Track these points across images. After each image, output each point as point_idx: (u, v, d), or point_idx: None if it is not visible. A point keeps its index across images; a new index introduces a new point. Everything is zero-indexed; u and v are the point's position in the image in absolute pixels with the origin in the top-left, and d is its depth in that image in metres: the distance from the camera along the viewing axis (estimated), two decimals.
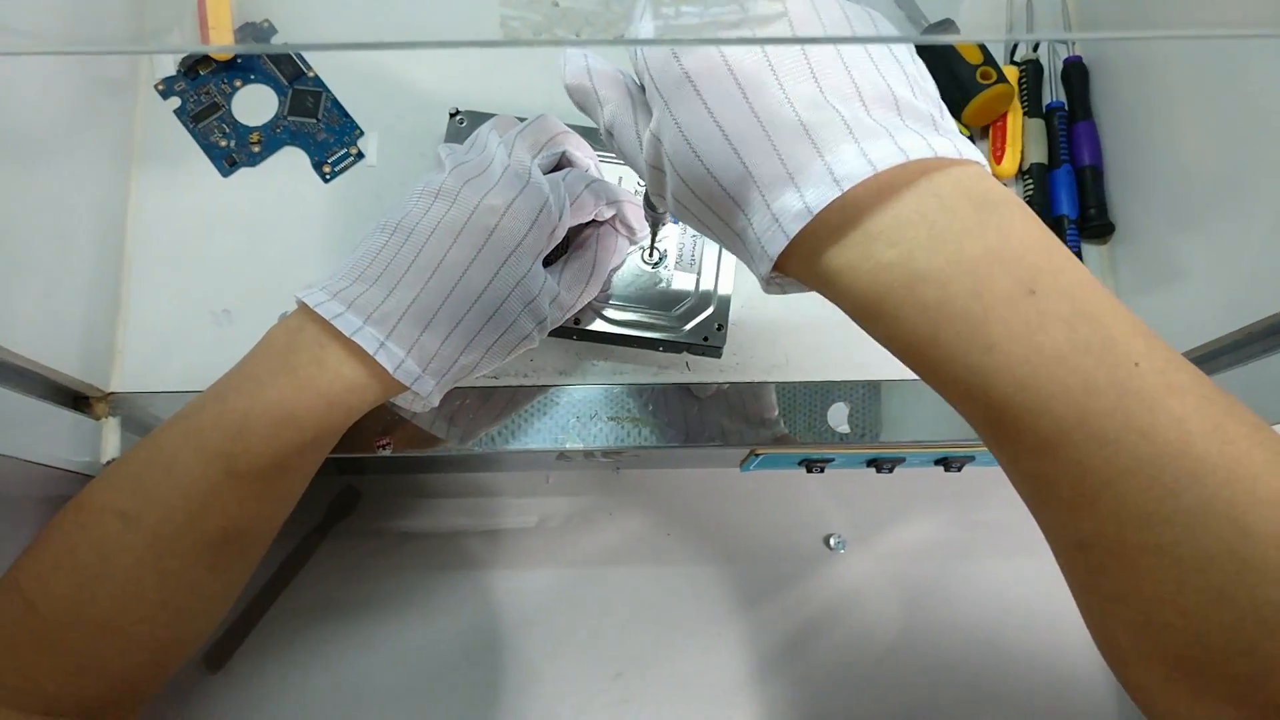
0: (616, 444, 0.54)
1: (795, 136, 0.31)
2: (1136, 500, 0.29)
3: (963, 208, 0.30)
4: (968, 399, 0.31)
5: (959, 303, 0.30)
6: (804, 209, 0.31)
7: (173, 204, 0.58)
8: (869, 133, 0.31)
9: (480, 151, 0.46)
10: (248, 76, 0.60)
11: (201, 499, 0.43)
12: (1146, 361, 0.29)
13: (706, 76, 0.32)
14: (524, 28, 0.22)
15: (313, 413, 0.43)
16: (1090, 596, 0.33)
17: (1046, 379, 0.29)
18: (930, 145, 0.30)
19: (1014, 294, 0.29)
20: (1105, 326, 0.29)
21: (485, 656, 0.61)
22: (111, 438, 0.53)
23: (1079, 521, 0.31)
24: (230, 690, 0.59)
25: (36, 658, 0.43)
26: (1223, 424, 0.29)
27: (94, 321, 0.54)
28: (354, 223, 0.58)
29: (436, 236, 0.43)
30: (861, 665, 0.62)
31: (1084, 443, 0.29)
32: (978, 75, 0.58)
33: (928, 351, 0.31)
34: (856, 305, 0.32)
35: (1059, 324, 0.29)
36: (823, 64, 0.32)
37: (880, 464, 0.60)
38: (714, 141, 0.32)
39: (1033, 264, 0.30)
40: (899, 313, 0.31)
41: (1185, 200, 0.53)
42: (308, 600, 0.61)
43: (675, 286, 0.54)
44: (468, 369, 0.46)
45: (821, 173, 0.30)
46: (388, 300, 0.43)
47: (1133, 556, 0.30)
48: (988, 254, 0.30)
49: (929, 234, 0.30)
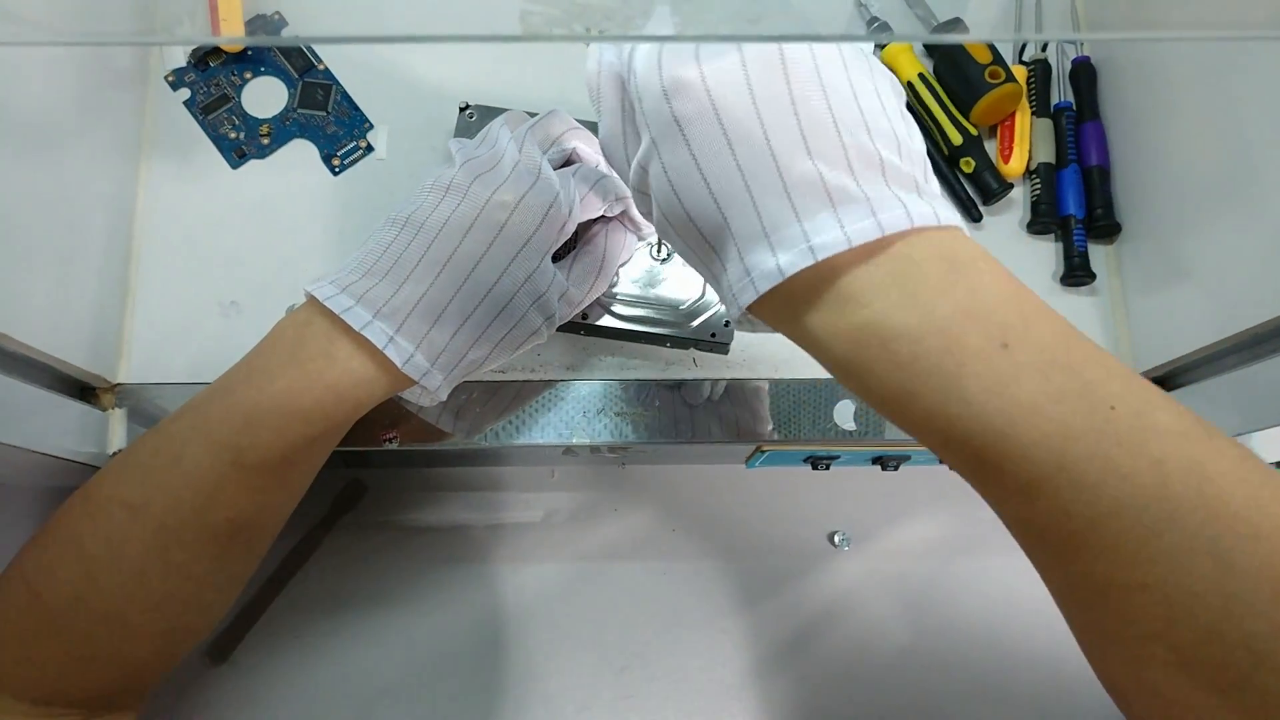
0: (622, 439, 0.54)
1: (776, 196, 0.32)
2: (1120, 541, 0.29)
3: (934, 268, 0.31)
4: (948, 447, 0.32)
5: (932, 359, 0.30)
6: (776, 270, 0.31)
7: (182, 195, 0.58)
8: (849, 201, 0.31)
9: (491, 147, 0.47)
10: (258, 69, 0.60)
11: (209, 491, 0.43)
12: (1123, 404, 0.30)
13: (695, 123, 0.32)
14: (543, 22, 0.22)
15: (321, 406, 0.43)
16: (1087, 635, 0.34)
17: (1024, 428, 0.30)
18: (910, 215, 0.31)
19: (986, 349, 0.30)
20: (1080, 373, 0.30)
21: (489, 650, 0.61)
22: (118, 429, 0.53)
23: (1067, 563, 0.32)
24: (235, 682, 0.59)
25: (42, 647, 0.43)
26: (1202, 462, 0.29)
27: (102, 312, 0.54)
28: (363, 216, 0.58)
29: (446, 231, 0.43)
30: (865, 662, 0.62)
31: (1065, 487, 0.30)
32: (986, 74, 0.58)
33: (905, 405, 0.32)
34: (831, 362, 0.33)
35: (1033, 374, 0.30)
36: (812, 121, 0.32)
37: (885, 461, 0.60)
38: (696, 189, 0.33)
39: (1004, 319, 0.30)
40: (874, 369, 0.32)
41: (1191, 201, 0.53)
42: (312, 593, 0.61)
43: (682, 283, 0.54)
44: (476, 364, 0.46)
45: (798, 237, 0.31)
46: (397, 295, 0.43)
47: (1122, 595, 0.30)
48: (959, 311, 0.30)
49: (900, 294, 0.31)
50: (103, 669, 0.45)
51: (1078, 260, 0.58)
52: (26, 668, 0.43)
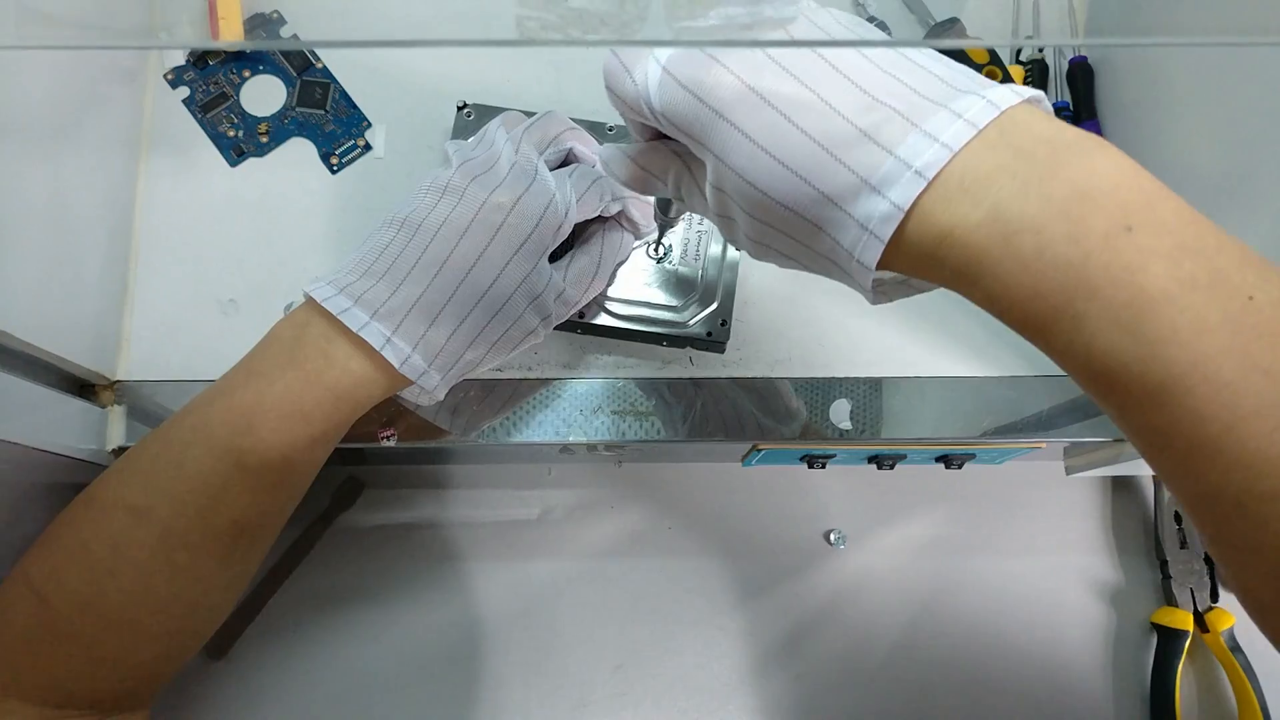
0: (619, 438, 0.55)
1: (858, 144, 0.30)
2: (1262, 446, 0.27)
3: (1041, 151, 0.29)
4: (1072, 354, 0.30)
5: (1056, 249, 0.28)
6: (892, 208, 0.30)
7: (181, 193, 0.58)
8: (928, 114, 0.30)
9: (488, 148, 0.47)
10: (256, 67, 0.60)
11: (212, 493, 0.43)
12: (1261, 293, 0.27)
13: (738, 107, 0.31)
14: (540, 27, 0.23)
15: (321, 407, 0.44)
16: (1222, 548, 0.32)
17: (1153, 321, 0.27)
18: (990, 101, 0.29)
19: (1111, 233, 0.28)
20: (1211, 259, 0.28)
21: (487, 647, 0.61)
22: (117, 425, 0.54)
23: (1201, 473, 0.29)
24: (233, 677, 0.59)
25: (50, 651, 0.43)
26: None
27: (101, 310, 0.54)
28: (361, 214, 0.58)
29: (443, 233, 0.44)
30: (860, 660, 0.62)
31: (1199, 387, 0.27)
32: (983, 75, 0.58)
33: (1030, 306, 0.30)
34: (955, 271, 0.31)
35: (1161, 261, 0.27)
36: (857, 70, 0.31)
37: (881, 460, 0.61)
38: (773, 172, 0.32)
39: (1124, 199, 0.28)
40: (998, 270, 0.29)
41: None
42: (310, 590, 0.61)
43: (679, 282, 0.54)
44: (473, 363, 0.47)
45: (899, 168, 0.30)
46: (394, 296, 0.43)
47: (1260, 504, 0.28)
48: (1077, 193, 0.28)
49: (1014, 183, 0.29)
50: (111, 672, 0.45)
51: None
52: (35, 673, 0.44)
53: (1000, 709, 0.62)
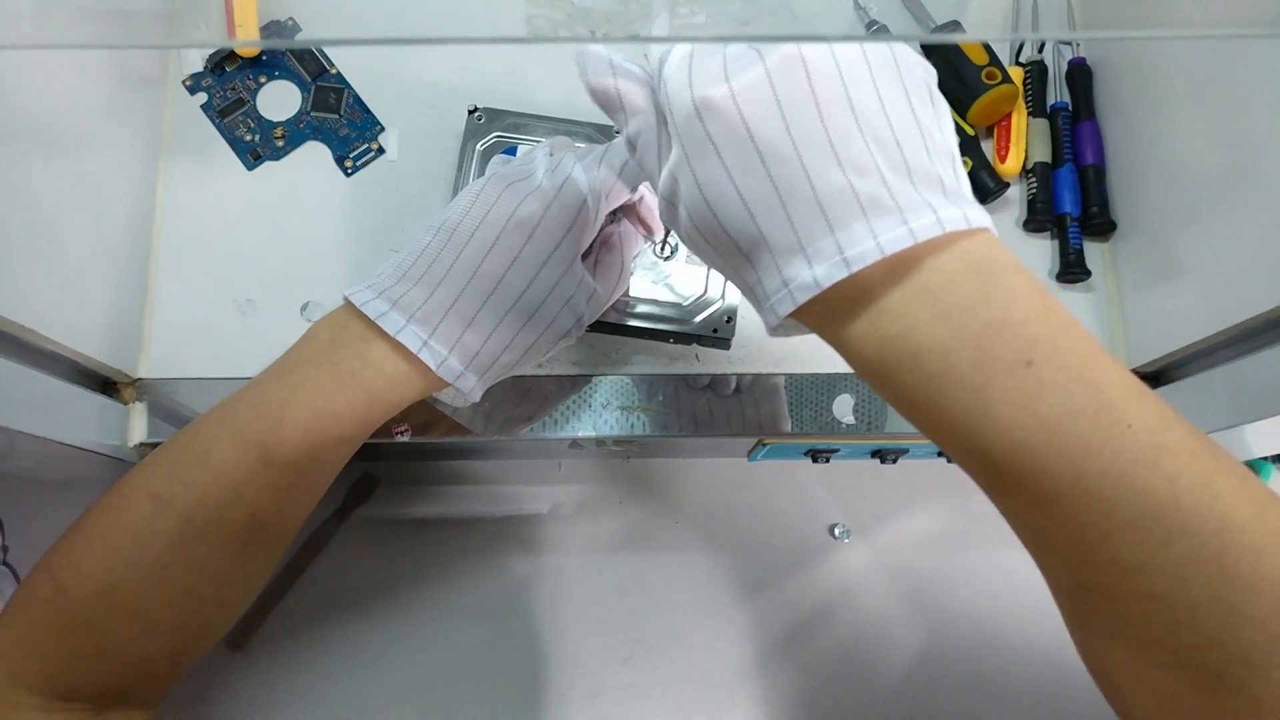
0: (627, 433, 0.56)
1: (810, 209, 0.32)
2: (1130, 552, 0.31)
3: (966, 282, 0.32)
4: (968, 456, 0.33)
5: (960, 372, 0.31)
6: (813, 282, 0.32)
7: (199, 196, 0.59)
8: (881, 211, 0.32)
9: (527, 162, 0.48)
10: (272, 73, 0.62)
11: (234, 486, 0.43)
12: (1139, 422, 0.31)
13: (728, 142, 0.33)
14: (548, 25, 0.24)
15: (352, 407, 0.44)
16: (1086, 634, 0.35)
17: (1044, 442, 0.31)
18: (940, 220, 0.31)
19: (1013, 364, 0.31)
20: (1101, 390, 0.31)
21: (497, 640, 0.62)
22: (139, 422, 0.55)
23: (1075, 569, 0.33)
24: (250, 669, 0.60)
25: (62, 641, 0.44)
26: (1211, 478, 0.31)
27: (122, 309, 0.55)
28: (374, 216, 0.60)
29: (477, 239, 0.44)
30: (865, 653, 0.63)
31: (1080, 500, 0.31)
32: (983, 76, 0.59)
33: (930, 414, 0.33)
34: (863, 368, 0.34)
35: (1056, 391, 0.31)
36: (840, 131, 0.32)
37: (884, 455, 0.61)
38: (731, 203, 0.34)
39: (1032, 333, 0.31)
40: (904, 379, 0.33)
41: (1185, 198, 0.54)
42: (326, 583, 0.62)
43: (685, 279, 0.55)
44: (509, 365, 0.47)
45: (831, 250, 0.32)
46: (430, 300, 0.44)
47: (1127, 601, 0.32)
48: (988, 327, 0.31)
49: (933, 309, 0.32)
50: (119, 665, 0.45)
51: (1073, 257, 0.59)
52: (44, 662, 0.44)
53: (1003, 701, 0.63)
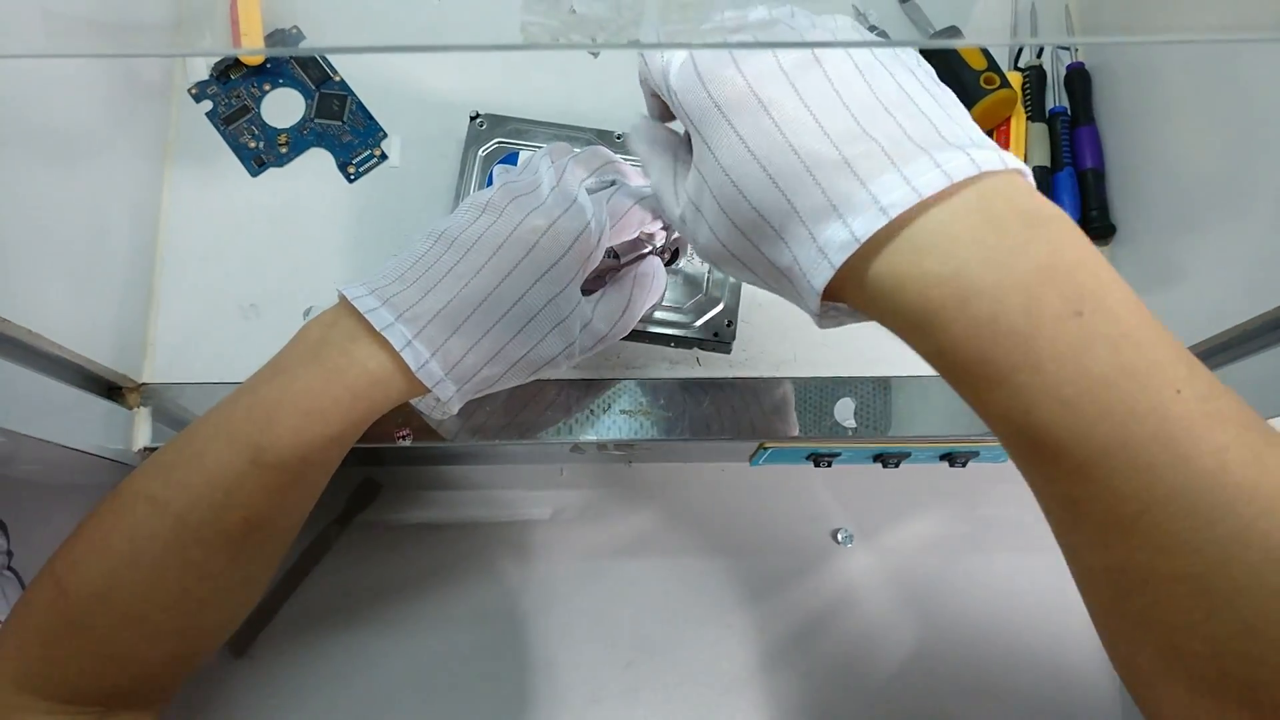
0: (629, 436, 0.56)
1: (836, 169, 0.32)
2: (1171, 528, 0.29)
3: (1012, 224, 0.30)
4: (1007, 419, 0.31)
5: (1010, 319, 0.30)
6: (850, 238, 0.31)
7: (204, 202, 0.60)
8: (910, 157, 0.31)
9: (531, 174, 0.48)
10: (276, 81, 0.62)
11: (226, 488, 0.43)
12: (1189, 388, 0.29)
13: (740, 110, 0.33)
14: (543, 32, 0.24)
15: (338, 406, 0.44)
16: (1114, 620, 0.33)
17: (1090, 402, 0.29)
18: (973, 160, 0.30)
19: (1063, 313, 0.29)
20: (1149, 350, 0.29)
21: (499, 644, 0.62)
22: (143, 426, 0.55)
23: (1110, 546, 0.31)
24: (253, 674, 0.60)
25: (64, 644, 0.44)
26: (1262, 453, 0.29)
27: (127, 315, 0.56)
28: (377, 221, 0.60)
29: (478, 248, 0.45)
30: (867, 657, 0.63)
31: (1123, 468, 0.29)
32: (981, 80, 0.59)
33: (974, 369, 0.31)
34: (907, 320, 0.32)
35: (1105, 346, 0.29)
36: (857, 101, 0.32)
37: (886, 459, 0.62)
38: (754, 177, 0.33)
39: (1081, 283, 0.30)
40: (950, 328, 0.31)
41: (1184, 202, 0.55)
42: (328, 588, 0.63)
43: (687, 283, 0.55)
44: (490, 380, 0.47)
45: (867, 201, 0.31)
46: (422, 301, 0.44)
47: (1163, 584, 0.30)
48: (1038, 271, 0.30)
49: (980, 251, 0.30)
50: (121, 669, 0.45)
51: None
52: (49, 665, 0.44)
53: (1007, 705, 0.63)
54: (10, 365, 0.45)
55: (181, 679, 0.50)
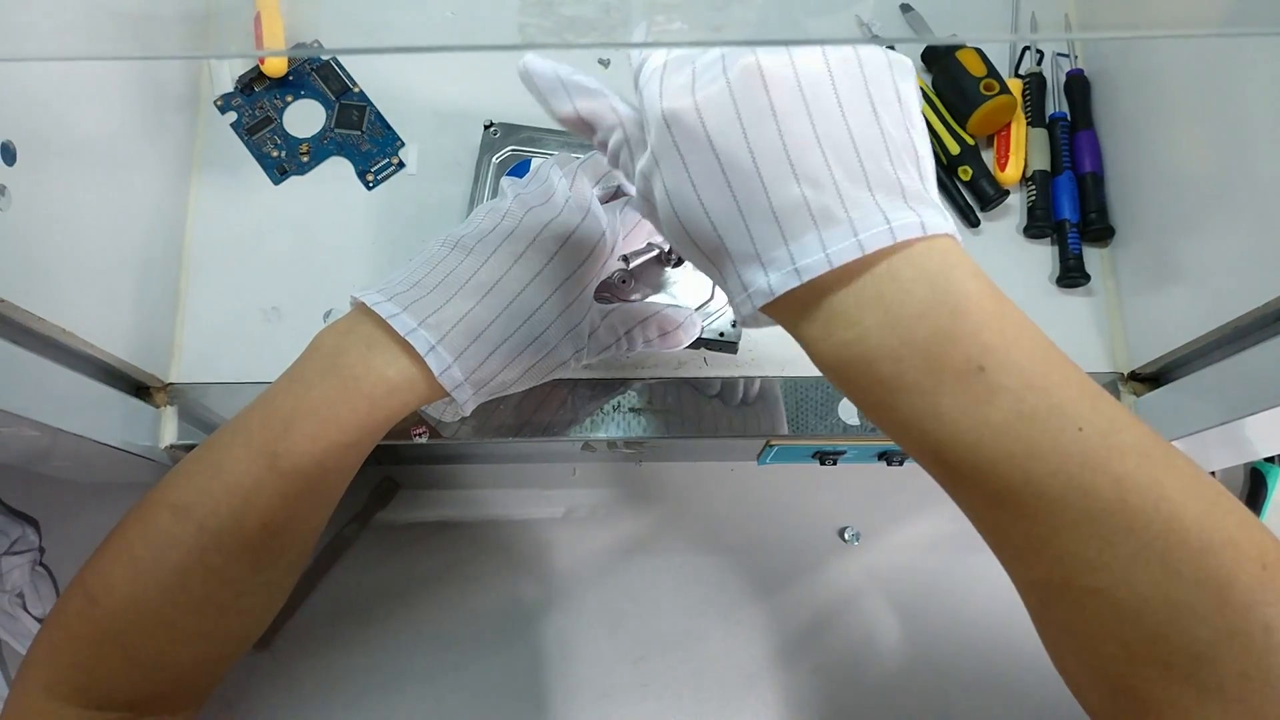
0: (638, 434, 0.57)
1: (766, 220, 0.34)
2: (1078, 550, 0.32)
3: (918, 289, 0.33)
4: (923, 456, 0.35)
5: (911, 377, 0.32)
6: (768, 289, 0.34)
7: (228, 209, 0.62)
8: (833, 222, 0.33)
9: (542, 183, 0.49)
10: (298, 92, 0.65)
11: (245, 495, 0.44)
12: (1090, 425, 0.32)
13: (693, 152, 0.34)
14: (538, 33, 0.26)
15: (355, 413, 0.44)
16: (1044, 628, 0.37)
17: (992, 446, 0.32)
18: (892, 231, 0.32)
19: (964, 371, 0.32)
20: (1052, 395, 0.32)
21: (513, 640, 0.63)
22: (170, 425, 0.57)
23: (1030, 565, 0.34)
24: (274, 667, 0.62)
25: (93, 650, 0.45)
26: (1160, 479, 0.32)
27: (156, 317, 0.58)
28: (395, 226, 0.62)
29: (498, 256, 0.46)
30: (875, 654, 0.63)
31: (1029, 500, 0.32)
32: (981, 87, 0.61)
33: (885, 415, 0.34)
34: (822, 369, 0.36)
35: (1007, 396, 0.32)
36: (797, 143, 0.33)
37: (891, 457, 0.63)
38: (695, 212, 0.35)
39: (985, 340, 0.32)
40: (859, 382, 0.34)
41: (1181, 204, 0.56)
42: (349, 584, 0.64)
43: (692, 285, 0.57)
44: (505, 385, 0.47)
45: (785, 259, 0.33)
46: (444, 308, 0.44)
47: (1077, 597, 0.33)
48: (939, 334, 0.32)
49: (884, 316, 0.33)
50: (149, 673, 0.46)
51: (1073, 263, 0.60)
52: (78, 673, 0.45)
53: (1014, 702, 0.62)
54: (48, 363, 0.46)
55: (210, 685, 0.50)
